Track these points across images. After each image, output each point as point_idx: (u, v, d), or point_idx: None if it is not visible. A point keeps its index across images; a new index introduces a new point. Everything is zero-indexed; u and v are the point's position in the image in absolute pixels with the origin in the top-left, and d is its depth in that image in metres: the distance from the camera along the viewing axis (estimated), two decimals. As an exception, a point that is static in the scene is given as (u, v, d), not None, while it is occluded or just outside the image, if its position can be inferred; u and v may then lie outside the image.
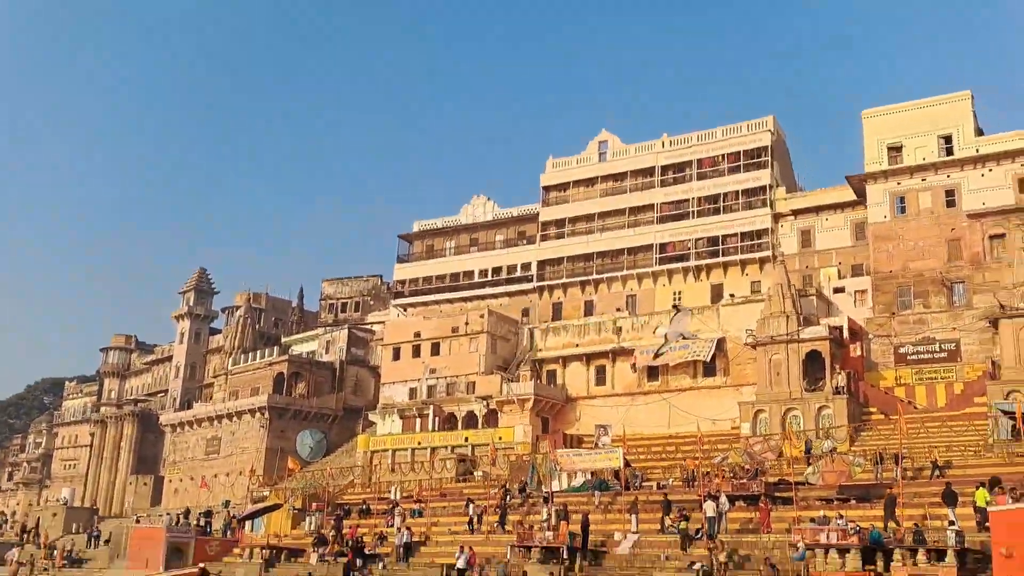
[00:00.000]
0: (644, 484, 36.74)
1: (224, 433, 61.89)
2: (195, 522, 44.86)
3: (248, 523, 43.72)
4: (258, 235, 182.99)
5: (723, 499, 29.73)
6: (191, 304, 78.33)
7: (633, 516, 31.22)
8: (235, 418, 61.19)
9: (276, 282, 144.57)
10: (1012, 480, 26.50)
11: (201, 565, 23.34)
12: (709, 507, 28.77)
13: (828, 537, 24.60)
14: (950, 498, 26.34)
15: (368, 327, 67.01)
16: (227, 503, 54.21)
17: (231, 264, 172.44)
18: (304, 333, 70.71)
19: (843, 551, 24.16)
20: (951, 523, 23.94)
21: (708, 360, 46.34)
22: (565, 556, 29.51)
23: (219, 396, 66.90)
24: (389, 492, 45.05)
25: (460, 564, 31.19)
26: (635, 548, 30.23)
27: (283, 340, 69.92)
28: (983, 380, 39.22)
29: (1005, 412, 33.61)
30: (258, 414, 59.68)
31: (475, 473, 46.53)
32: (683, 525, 29.06)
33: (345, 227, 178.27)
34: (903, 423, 30.04)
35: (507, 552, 31.45)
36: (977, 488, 25.05)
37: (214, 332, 79.53)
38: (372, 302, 76.29)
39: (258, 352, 65.85)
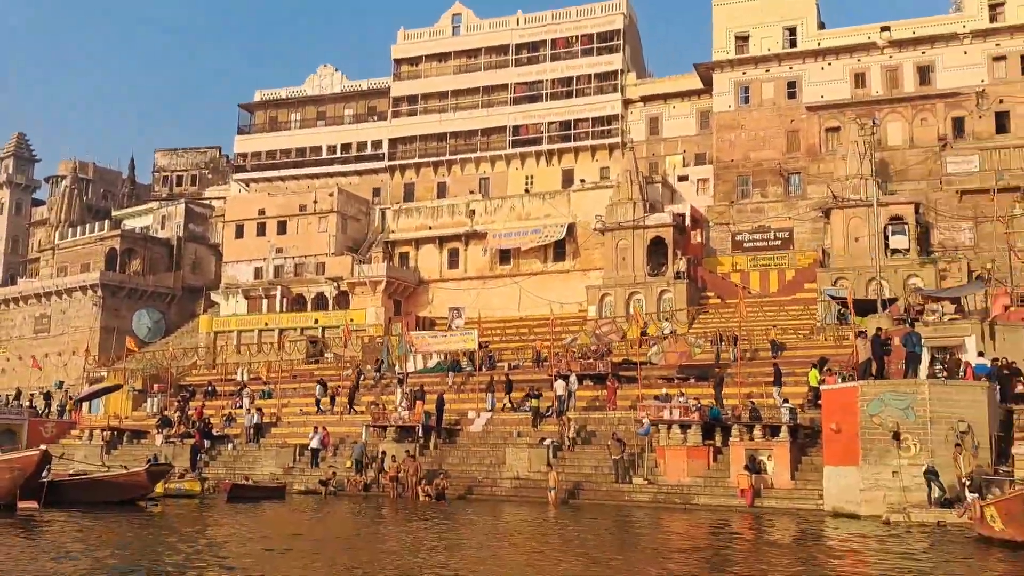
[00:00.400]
0: (497, 365, 37.56)
1: (54, 311, 58.52)
2: (28, 403, 42.76)
3: (85, 405, 42.05)
4: (83, 100, 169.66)
5: (572, 378, 30.82)
6: (10, 172, 72.40)
7: (489, 395, 31.94)
8: (65, 295, 57.84)
9: (104, 152, 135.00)
10: (838, 361, 28.62)
11: (43, 447, 22.29)
12: (559, 386, 29.78)
13: (671, 414, 26.02)
14: (777, 378, 28.35)
15: (207, 202, 64.09)
16: (60, 384, 51.75)
17: (53, 130, 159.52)
18: (137, 207, 66.92)
19: (685, 427, 25.65)
20: (785, 401, 25.72)
21: (560, 240, 47.22)
22: (420, 434, 30.09)
23: (46, 272, 62.84)
24: (235, 374, 44.26)
25: (314, 444, 31.34)
26: (488, 426, 31.15)
27: (114, 214, 65.96)
28: (813, 267, 41.86)
29: (833, 297, 36.09)
30: (90, 291, 56.62)
31: (326, 355, 46.23)
32: (534, 403, 30.02)
33: (180, 94, 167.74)
34: (743, 307, 31.77)
35: (362, 432, 31.71)
36: (811, 368, 26.92)
37: (37, 203, 74.16)
38: (210, 176, 72.76)
39: (87, 226, 61.90)
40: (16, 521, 18.99)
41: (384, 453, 28.55)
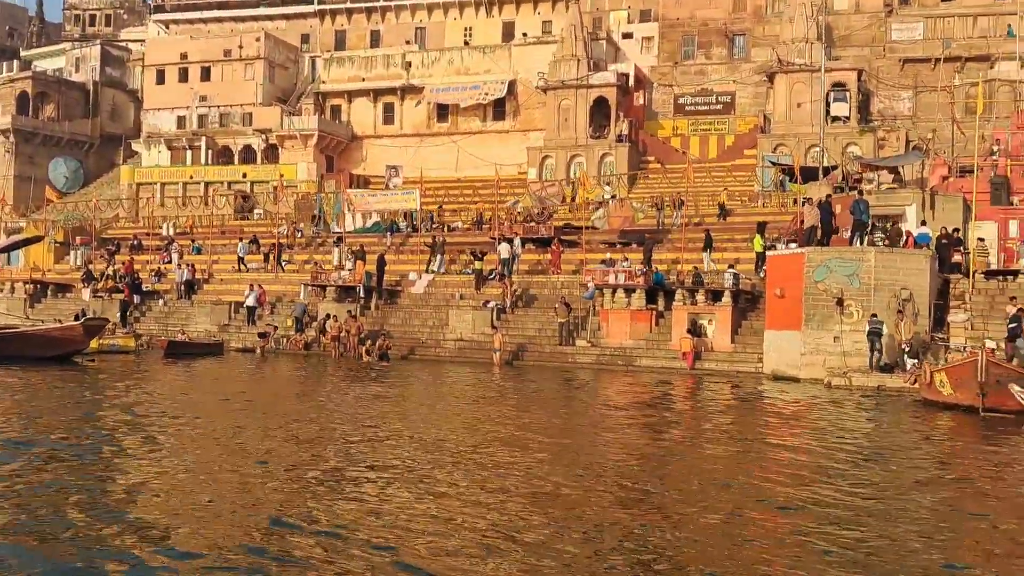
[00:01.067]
0: (435, 226, 36.95)
1: (-40, 157, 55.28)
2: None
3: (2, 256, 40.27)
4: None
5: (517, 242, 30.50)
6: (-100, 5, 66.84)
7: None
8: (-27, 142, 54.56)
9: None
10: (778, 228, 28.86)
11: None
12: (504, 249, 29.43)
13: (616, 278, 26.02)
14: (707, 243, 28.59)
15: (124, 45, 60.24)
16: (-28, 235, 49.47)
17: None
18: (48, 47, 62.64)
19: (629, 291, 25.71)
20: (730, 267, 25.86)
21: (500, 99, 45.83)
22: (361, 294, 29.64)
23: (-51, 116, 58.99)
24: (161, 228, 42.71)
25: (250, 302, 30.66)
26: (430, 287, 30.80)
27: (22, 54, 61.62)
28: (754, 133, 41.71)
29: (775, 163, 36.11)
30: (1, 137, 53.51)
31: (256, 211, 44.86)
32: (477, 265, 29.70)
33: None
34: (691, 171, 31.54)
35: (300, 291, 31.11)
36: (755, 235, 27.04)
37: (-67, 40, 68.92)
38: (126, 16, 68.30)
39: (-6, 67, 57.94)
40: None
41: (329, 315, 28.04)
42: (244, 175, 47.68)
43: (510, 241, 30.21)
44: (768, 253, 24.01)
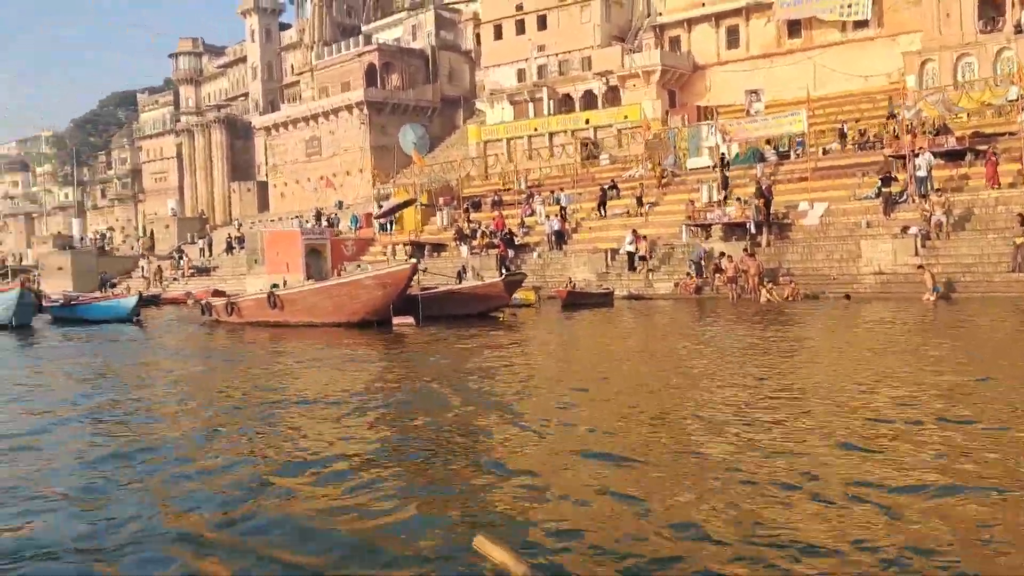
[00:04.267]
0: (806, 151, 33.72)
1: (323, 133, 59.44)
2: (326, 222, 43.91)
3: (375, 222, 42.37)
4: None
5: (928, 156, 26.66)
6: (256, -3, 73.01)
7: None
8: (332, 116, 58.38)
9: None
10: None
11: (413, 260, 21.54)
12: (924, 163, 25.79)
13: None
14: None
15: (454, 6, 61.76)
16: (340, 204, 52.99)
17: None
18: (384, 19, 65.64)
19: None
20: None
21: (868, 17, 40.98)
22: (752, 230, 27.38)
23: (308, 95, 63.75)
24: (513, 182, 42.92)
25: (629, 248, 29.49)
26: (825, 217, 27.84)
27: (363, 29, 65.18)
28: None
29: None
30: (356, 110, 56.73)
31: (600, 157, 43.78)
32: (896, 188, 26.37)
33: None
34: None
35: (681, 232, 29.43)
36: None
37: (283, 27, 74.83)
38: (450, -21, 70.06)
39: (340, 44, 61.60)
40: (403, 339, 17.78)
41: (723, 254, 26.09)
42: (587, 121, 46.70)
43: (916, 156, 26.47)
44: None
